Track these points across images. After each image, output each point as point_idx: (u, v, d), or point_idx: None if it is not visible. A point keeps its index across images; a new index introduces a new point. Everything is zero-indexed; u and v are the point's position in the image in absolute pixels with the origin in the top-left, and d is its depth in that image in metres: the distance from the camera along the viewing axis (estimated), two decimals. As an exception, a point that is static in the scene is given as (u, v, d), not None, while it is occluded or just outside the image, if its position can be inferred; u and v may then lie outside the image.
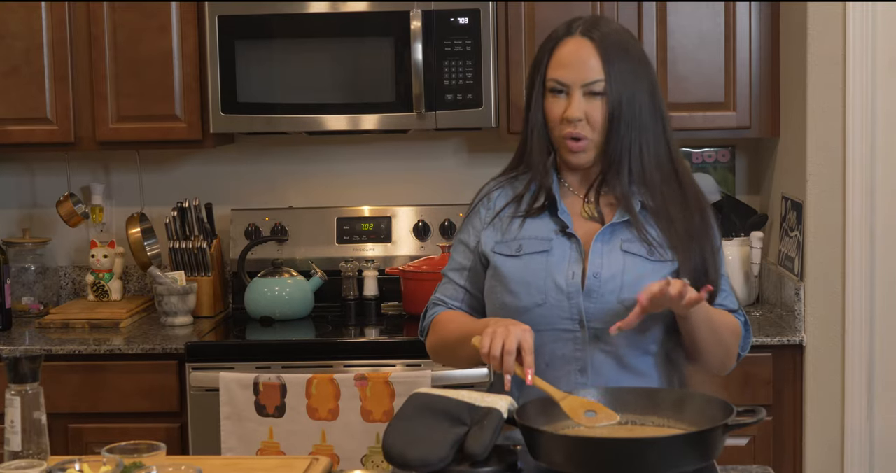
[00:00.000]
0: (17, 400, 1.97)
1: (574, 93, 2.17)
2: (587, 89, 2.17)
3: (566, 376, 2.17)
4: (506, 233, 2.25)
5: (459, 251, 2.33)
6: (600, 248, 2.19)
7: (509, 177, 2.31)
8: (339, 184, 4.06)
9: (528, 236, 2.22)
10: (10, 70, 3.69)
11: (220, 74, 3.60)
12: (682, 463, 1.80)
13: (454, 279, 2.32)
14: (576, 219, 2.23)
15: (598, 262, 2.18)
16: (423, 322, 2.35)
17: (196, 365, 3.38)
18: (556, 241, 2.21)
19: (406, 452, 1.87)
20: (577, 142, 2.19)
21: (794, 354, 3.38)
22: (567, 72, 2.18)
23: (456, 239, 2.35)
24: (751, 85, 3.60)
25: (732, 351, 2.25)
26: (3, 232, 4.11)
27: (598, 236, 2.20)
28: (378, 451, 3.21)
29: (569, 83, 2.17)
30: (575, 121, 2.16)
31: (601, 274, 2.17)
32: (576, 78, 2.17)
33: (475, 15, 3.54)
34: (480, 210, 2.31)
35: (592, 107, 2.17)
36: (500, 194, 2.30)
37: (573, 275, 2.17)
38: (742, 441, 3.37)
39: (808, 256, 3.35)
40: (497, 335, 2.01)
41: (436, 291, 2.36)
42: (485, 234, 2.28)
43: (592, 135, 2.18)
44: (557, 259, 2.19)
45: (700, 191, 2.27)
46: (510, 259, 2.22)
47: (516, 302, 2.19)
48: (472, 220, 2.32)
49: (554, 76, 2.19)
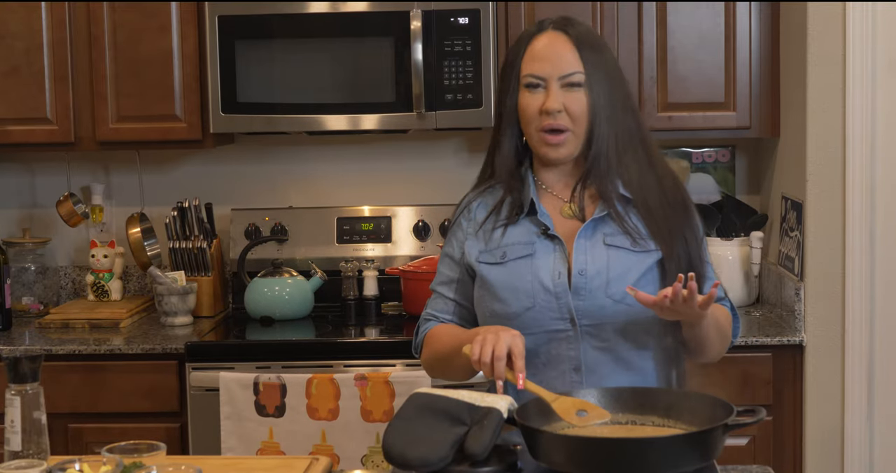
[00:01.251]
0: (17, 400, 1.97)
1: (551, 85, 2.18)
2: (565, 81, 2.18)
3: (561, 375, 2.17)
4: (489, 241, 2.26)
5: (446, 264, 2.33)
6: (583, 245, 2.20)
7: (486, 188, 2.32)
8: (339, 184, 4.06)
9: (511, 242, 2.23)
10: (10, 70, 3.69)
11: (220, 74, 3.60)
12: (682, 463, 1.80)
13: (443, 293, 2.33)
14: (556, 219, 2.24)
15: (583, 259, 2.19)
16: (416, 338, 2.36)
17: (196, 365, 3.38)
18: (539, 244, 2.22)
19: (406, 452, 1.87)
20: (555, 135, 2.19)
21: (794, 354, 3.38)
22: (543, 65, 2.19)
23: (442, 254, 2.36)
24: (751, 85, 3.60)
25: (728, 339, 2.27)
26: (3, 232, 4.11)
27: (580, 233, 2.21)
28: (378, 451, 3.21)
29: (545, 76, 2.18)
30: (554, 113, 2.17)
31: (586, 270, 2.18)
32: (552, 70, 2.18)
33: (475, 15, 3.54)
34: (462, 222, 2.32)
35: (571, 98, 2.18)
36: (480, 205, 2.31)
37: (559, 275, 2.18)
38: (742, 441, 3.37)
39: (808, 256, 3.35)
40: (487, 341, 2.01)
41: (426, 307, 2.37)
42: (468, 245, 2.28)
43: (573, 126, 2.19)
44: (542, 261, 2.20)
45: (678, 181, 2.28)
46: (495, 266, 2.23)
47: (506, 309, 2.20)
48: (455, 233, 2.33)
49: (530, 71, 2.20)
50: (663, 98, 3.61)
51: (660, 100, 3.61)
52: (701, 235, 2.26)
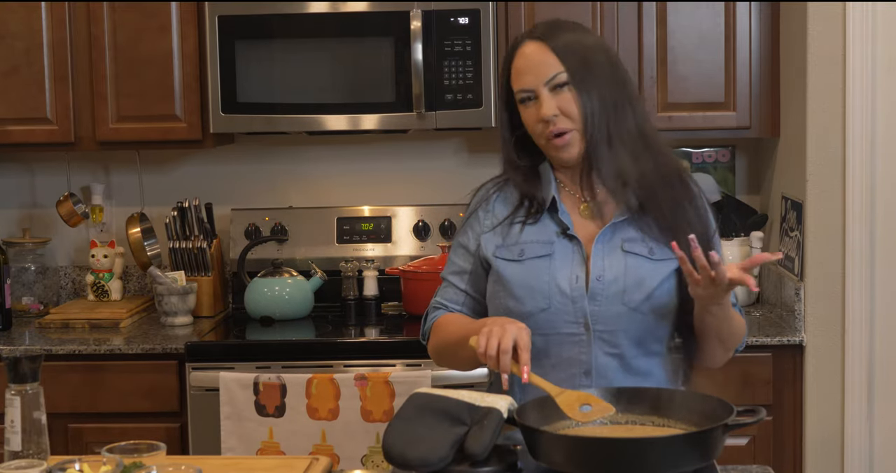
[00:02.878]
0: (17, 400, 1.97)
1: (541, 93, 2.19)
2: (550, 85, 2.18)
3: (570, 378, 2.17)
4: (507, 237, 2.25)
5: (459, 254, 2.32)
6: (601, 249, 2.19)
7: (506, 179, 2.32)
8: (339, 184, 4.06)
9: (530, 240, 2.22)
10: (10, 70, 3.69)
11: (220, 74, 3.60)
12: (682, 463, 1.80)
13: (454, 282, 2.32)
14: (575, 219, 2.23)
15: (601, 265, 2.18)
16: (425, 325, 2.35)
17: (196, 364, 3.38)
18: (558, 244, 2.21)
19: (406, 452, 1.87)
20: (560, 138, 2.19)
21: (794, 354, 3.38)
22: (527, 78, 2.20)
23: (455, 242, 2.35)
24: (751, 85, 3.60)
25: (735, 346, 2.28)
26: (3, 232, 4.11)
27: (599, 237, 2.20)
28: (378, 451, 3.21)
29: (532, 87, 2.20)
30: (551, 118, 2.18)
31: (604, 276, 2.17)
32: (535, 80, 2.19)
33: (475, 15, 3.54)
34: (479, 213, 2.31)
35: (562, 99, 2.18)
36: (498, 198, 2.31)
37: (577, 279, 2.18)
38: (742, 441, 3.37)
39: (808, 256, 3.35)
40: (493, 334, 2.01)
41: (436, 295, 2.36)
42: (485, 238, 2.27)
43: (573, 125, 2.19)
44: (560, 263, 2.19)
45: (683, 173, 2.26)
46: (512, 263, 2.22)
47: (520, 307, 2.19)
48: (471, 224, 2.31)
49: (518, 87, 2.22)
50: (663, 98, 3.61)
51: (660, 100, 3.61)
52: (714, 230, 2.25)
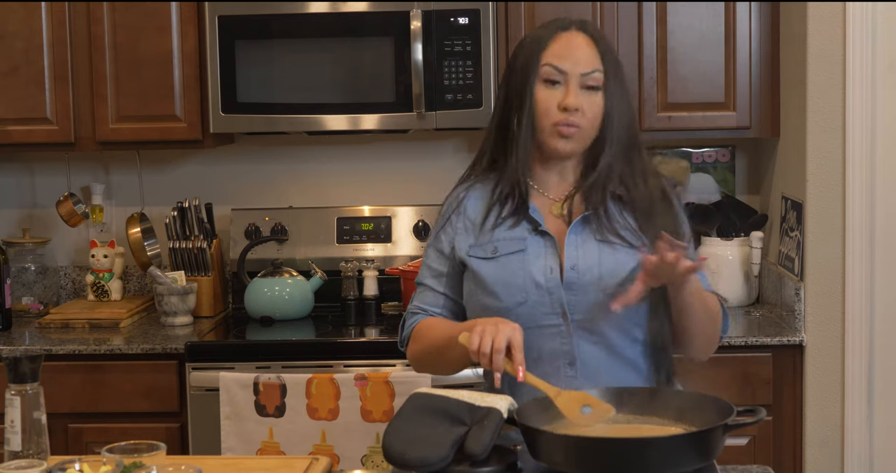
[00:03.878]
0: (17, 400, 1.97)
1: (571, 82, 2.20)
2: (584, 81, 2.20)
3: (555, 371, 2.18)
4: (479, 236, 2.27)
5: (433, 258, 2.33)
6: (574, 240, 2.22)
7: (475, 183, 2.33)
8: (339, 184, 4.06)
9: (502, 238, 2.24)
10: (10, 70, 3.69)
11: (220, 74, 3.60)
12: (682, 463, 1.80)
13: (432, 286, 2.33)
14: (547, 218, 2.25)
15: (574, 254, 2.20)
16: (403, 332, 2.36)
17: (196, 365, 3.38)
18: (531, 240, 2.23)
19: (406, 452, 1.87)
20: (569, 128, 2.20)
21: (794, 354, 3.38)
22: (566, 61, 2.21)
23: (428, 248, 2.36)
24: (751, 85, 3.60)
25: (717, 330, 2.26)
26: (3, 232, 4.11)
27: (571, 229, 2.22)
28: (378, 451, 3.21)
29: (567, 70, 2.20)
30: (572, 110, 2.18)
31: (578, 265, 2.19)
32: (574, 67, 2.20)
33: (475, 15, 3.54)
34: (452, 218, 2.33)
35: (589, 101, 2.20)
36: (469, 199, 2.32)
37: (551, 270, 2.19)
38: (742, 441, 3.37)
39: (808, 256, 3.35)
40: (486, 332, 2.01)
41: (412, 300, 2.37)
42: (458, 240, 2.29)
43: (586, 126, 2.21)
44: (533, 256, 2.21)
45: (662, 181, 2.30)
46: (487, 261, 2.24)
47: (498, 304, 2.20)
48: (444, 230, 2.33)
49: (552, 63, 2.20)
50: (663, 98, 3.61)
51: (660, 100, 3.62)
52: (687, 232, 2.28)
